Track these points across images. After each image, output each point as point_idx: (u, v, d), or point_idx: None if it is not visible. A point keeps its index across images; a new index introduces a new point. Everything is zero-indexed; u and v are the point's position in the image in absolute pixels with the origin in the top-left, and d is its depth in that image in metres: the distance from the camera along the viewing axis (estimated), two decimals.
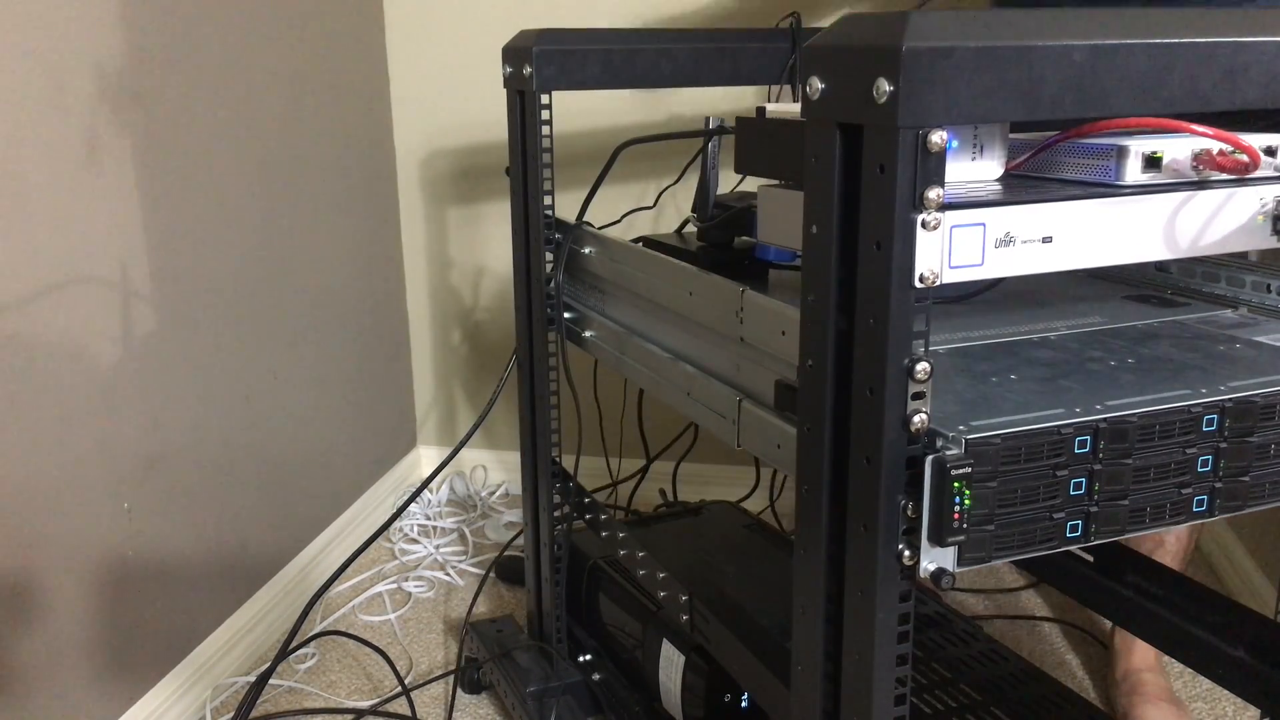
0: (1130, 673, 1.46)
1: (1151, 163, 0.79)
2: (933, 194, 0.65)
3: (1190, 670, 1.10)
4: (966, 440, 0.68)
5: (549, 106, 1.26)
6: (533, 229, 1.30)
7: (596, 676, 1.42)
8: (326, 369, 1.89)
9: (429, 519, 2.15)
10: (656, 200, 1.58)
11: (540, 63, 1.23)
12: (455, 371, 2.27)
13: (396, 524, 2.09)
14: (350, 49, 1.91)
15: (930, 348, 0.68)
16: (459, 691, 1.61)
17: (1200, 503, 0.77)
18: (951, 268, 0.69)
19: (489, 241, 2.16)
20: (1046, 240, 0.73)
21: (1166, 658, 1.48)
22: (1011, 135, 0.86)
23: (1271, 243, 0.82)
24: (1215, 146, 0.79)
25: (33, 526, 1.20)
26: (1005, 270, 0.72)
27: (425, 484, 1.77)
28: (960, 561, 0.70)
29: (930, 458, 0.68)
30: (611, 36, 1.29)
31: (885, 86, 0.62)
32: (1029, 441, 0.70)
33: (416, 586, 1.90)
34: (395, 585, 1.91)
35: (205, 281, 1.52)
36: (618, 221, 1.63)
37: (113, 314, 1.32)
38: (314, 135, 1.80)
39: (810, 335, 0.73)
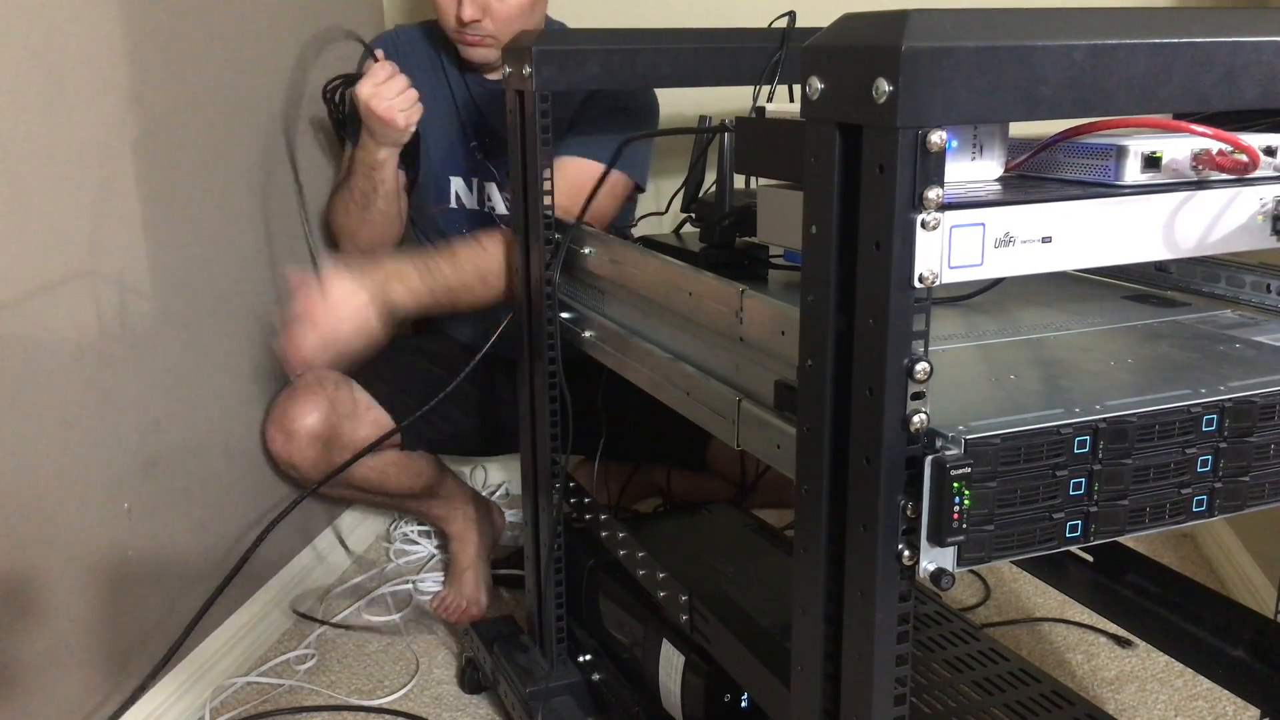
0: None
1: (1151, 163, 0.79)
2: (932, 194, 0.65)
3: (1190, 670, 1.10)
4: (966, 440, 0.68)
5: (549, 106, 1.26)
6: (532, 229, 1.30)
7: (596, 676, 1.42)
8: None
9: None
10: (668, 206, 1.60)
11: (540, 62, 1.23)
12: None
13: (397, 525, 2.09)
14: (353, 48, 1.91)
15: (930, 348, 0.68)
16: (459, 691, 1.61)
17: (1200, 503, 0.77)
18: (951, 268, 0.68)
19: None
20: (1046, 240, 0.73)
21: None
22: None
23: (1271, 243, 0.81)
24: (1215, 146, 0.79)
25: (33, 526, 1.20)
26: (1005, 270, 0.72)
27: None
28: (960, 562, 0.70)
29: (930, 458, 0.68)
30: (611, 36, 1.29)
31: (885, 86, 0.62)
32: (1029, 441, 0.70)
33: (418, 587, 1.90)
34: (395, 587, 1.91)
35: (205, 281, 1.52)
36: (634, 225, 1.63)
37: (113, 314, 1.32)
38: (316, 135, 1.80)
39: (810, 335, 0.73)
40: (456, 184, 1.75)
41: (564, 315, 1.31)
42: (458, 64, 1.71)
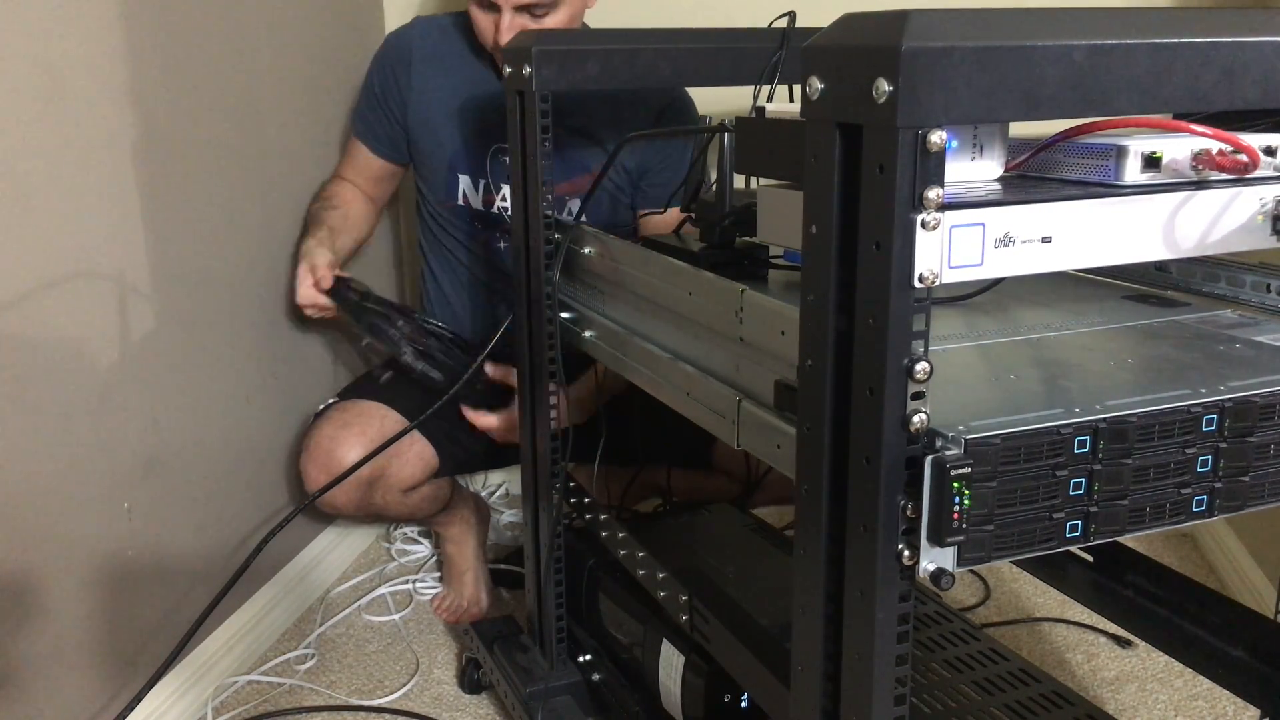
0: None
1: (1151, 163, 0.79)
2: (932, 194, 0.65)
3: (1190, 670, 1.09)
4: (966, 440, 0.68)
5: (549, 106, 1.26)
6: (532, 229, 1.30)
7: (596, 676, 1.42)
8: (326, 370, 1.89)
9: None
10: (666, 206, 1.60)
11: (540, 63, 1.23)
12: None
13: (398, 525, 2.09)
14: (352, 49, 1.91)
15: (930, 348, 0.68)
16: (459, 691, 1.61)
17: (1200, 503, 0.77)
18: (951, 268, 0.68)
19: None
20: (1046, 240, 0.73)
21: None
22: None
23: (1271, 243, 0.81)
24: (1215, 146, 0.79)
25: (33, 526, 1.20)
26: (1005, 270, 0.72)
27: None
28: (960, 562, 0.70)
29: (930, 458, 0.68)
30: (610, 36, 1.29)
31: (885, 86, 0.62)
32: (1029, 441, 0.70)
33: (417, 587, 1.90)
34: (396, 586, 1.91)
35: (205, 281, 1.52)
36: (634, 225, 1.63)
37: (112, 314, 1.32)
38: (315, 136, 1.80)
39: (810, 335, 0.73)
40: (464, 182, 1.74)
41: (564, 315, 1.31)
42: (496, 66, 1.67)
